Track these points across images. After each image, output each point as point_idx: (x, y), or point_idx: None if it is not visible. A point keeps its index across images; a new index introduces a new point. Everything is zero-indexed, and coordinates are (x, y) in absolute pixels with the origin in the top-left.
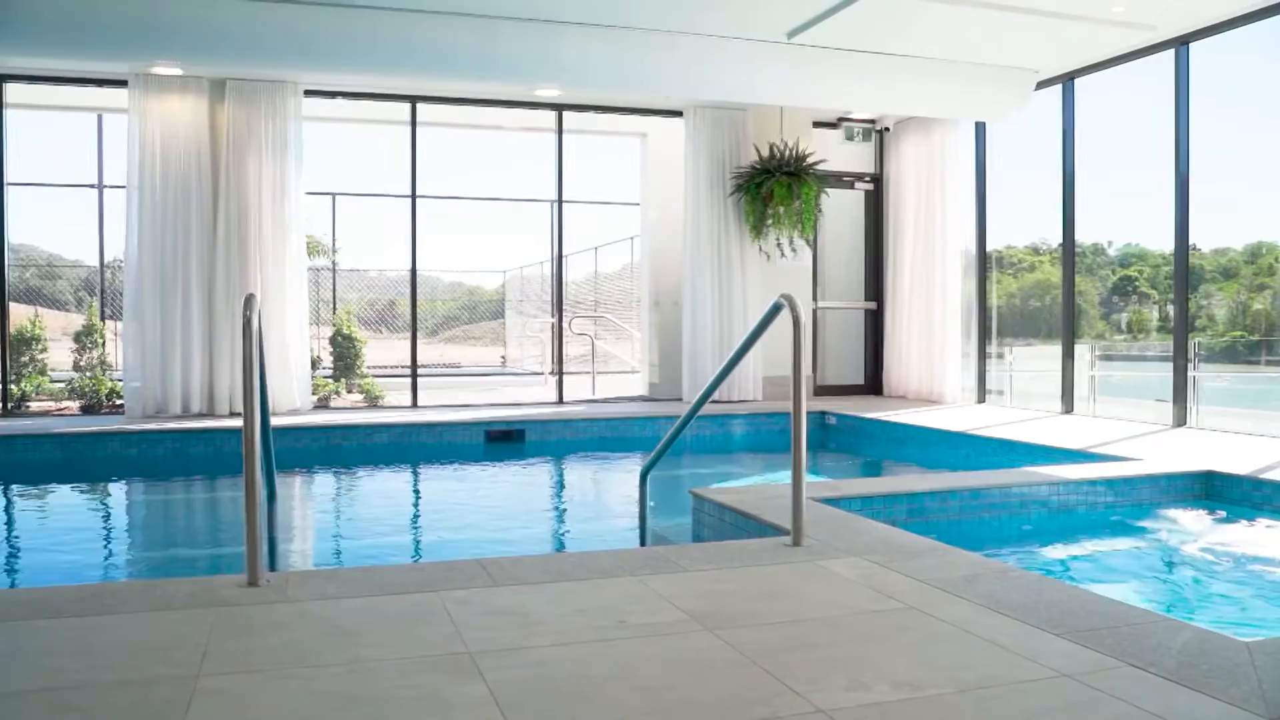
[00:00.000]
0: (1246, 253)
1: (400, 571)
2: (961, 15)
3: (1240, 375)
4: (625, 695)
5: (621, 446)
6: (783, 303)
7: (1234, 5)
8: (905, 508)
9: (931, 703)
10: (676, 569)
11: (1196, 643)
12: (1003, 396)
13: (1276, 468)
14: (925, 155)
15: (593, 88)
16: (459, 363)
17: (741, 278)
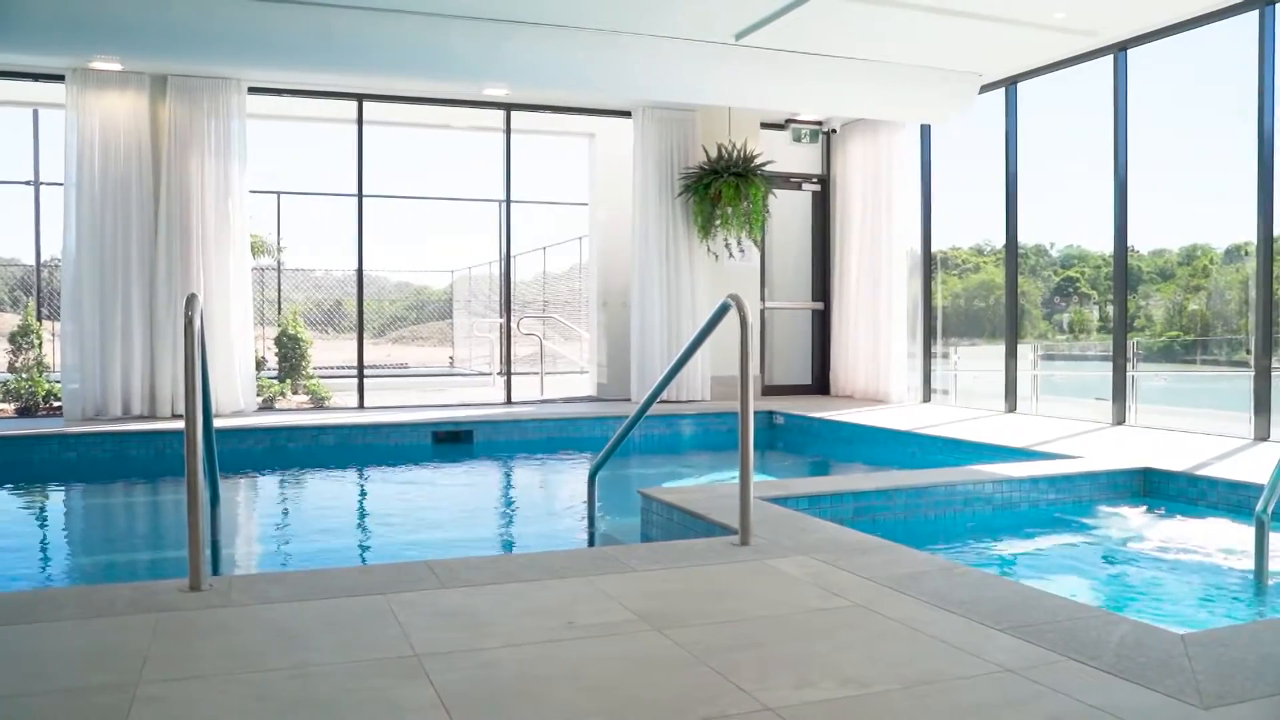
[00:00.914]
0: (1182, 255)
1: (347, 574)
2: (907, 19)
3: (1177, 374)
4: (573, 695)
5: (570, 447)
6: (730, 303)
7: (1170, 13)
8: (852, 506)
9: (877, 699)
10: (625, 569)
11: (1134, 636)
12: (948, 396)
13: (1211, 465)
14: (871, 157)
15: (542, 87)
16: (406, 363)
17: (690, 278)
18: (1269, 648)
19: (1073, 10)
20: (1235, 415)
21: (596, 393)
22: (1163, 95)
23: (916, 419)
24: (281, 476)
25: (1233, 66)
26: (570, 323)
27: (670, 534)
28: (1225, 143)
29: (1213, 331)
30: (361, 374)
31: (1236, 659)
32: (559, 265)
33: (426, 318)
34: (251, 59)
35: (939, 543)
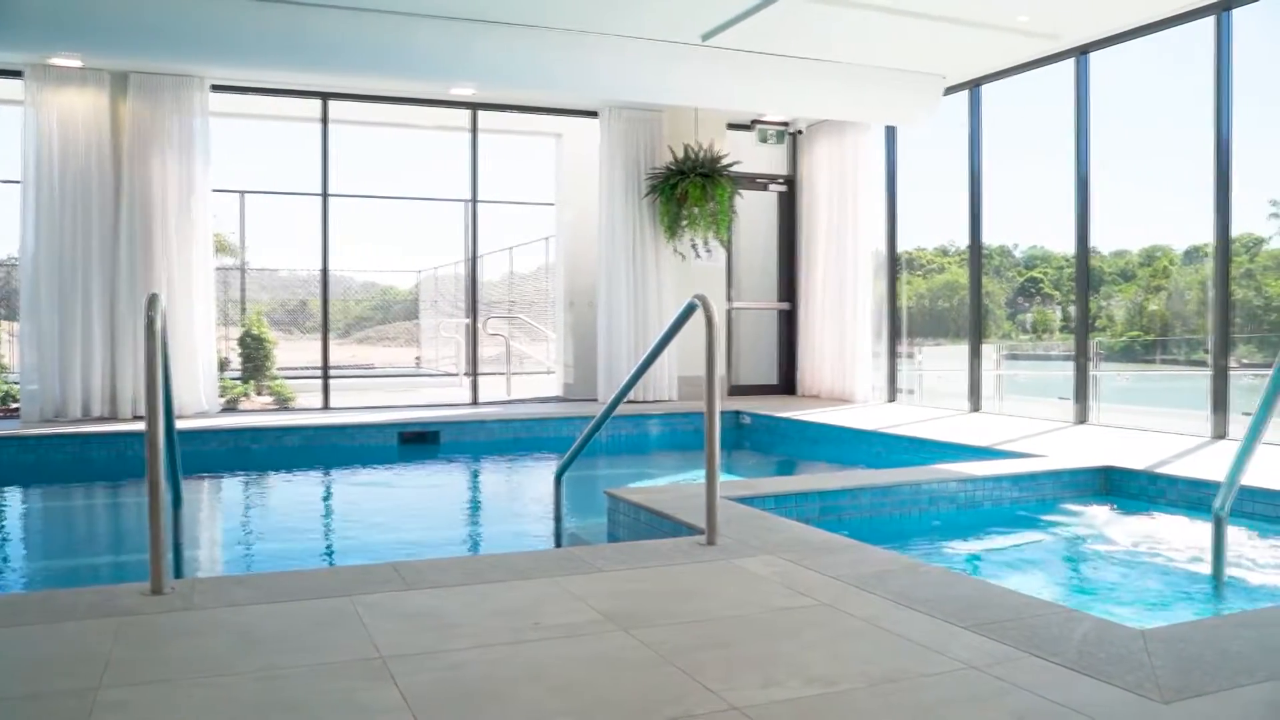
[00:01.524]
0: (1143, 256)
1: (311, 576)
2: (872, 21)
3: (1138, 374)
4: (540, 696)
5: (537, 447)
6: (697, 303)
7: (1130, 18)
8: (818, 505)
9: (843, 697)
10: (592, 569)
11: (1095, 632)
12: (913, 395)
13: (1170, 463)
14: (837, 158)
15: (509, 87)
16: (372, 364)
17: (656, 278)
18: (1227, 643)
19: (1035, 14)
20: (1194, 414)
21: (563, 393)
22: (1124, 98)
23: (882, 419)
24: (245, 478)
25: (1191, 71)
26: (537, 323)
27: (637, 534)
28: (1184, 146)
29: (1172, 331)
30: (327, 374)
31: (1195, 654)
32: (526, 265)
33: (392, 318)
34: (215, 57)
35: (904, 541)
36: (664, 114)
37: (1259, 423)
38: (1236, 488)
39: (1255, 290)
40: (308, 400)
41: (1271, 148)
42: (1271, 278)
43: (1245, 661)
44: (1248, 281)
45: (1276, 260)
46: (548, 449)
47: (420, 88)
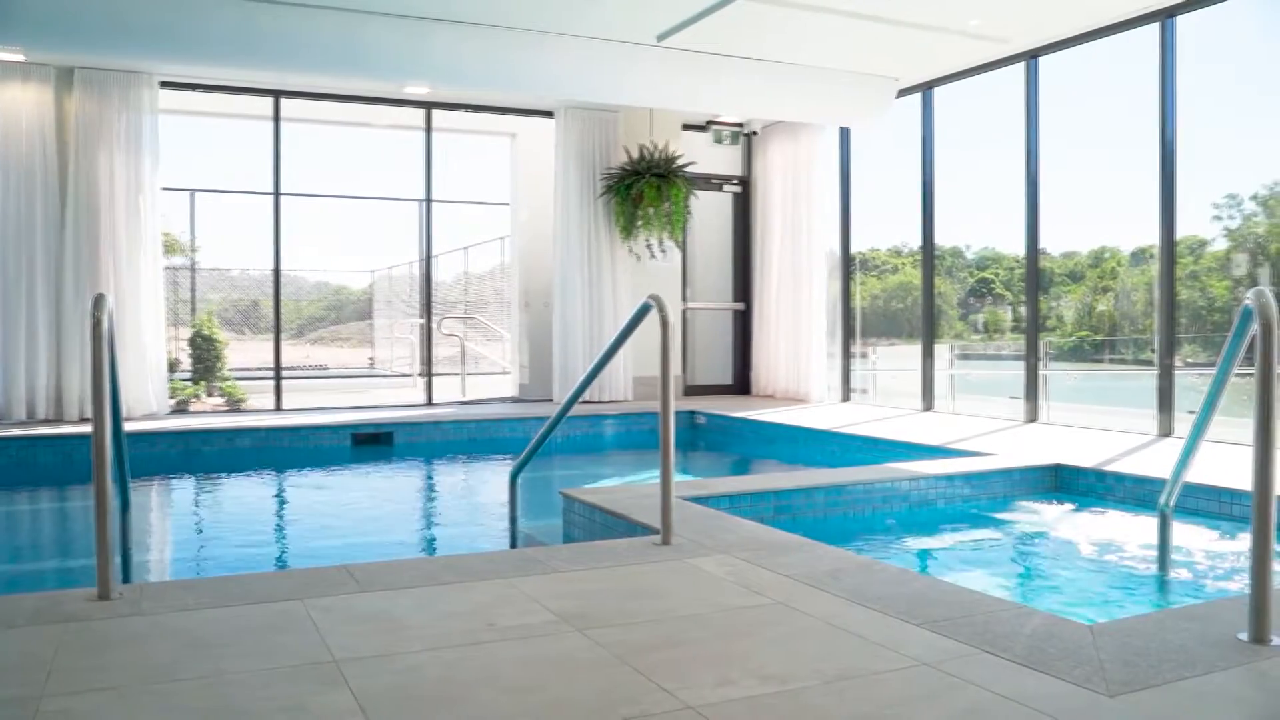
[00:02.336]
0: (1091, 257)
1: (263, 580)
2: (826, 23)
3: (1086, 373)
4: (495, 698)
5: (492, 448)
6: (651, 303)
7: (1078, 23)
8: (772, 505)
9: (797, 695)
10: (547, 570)
11: (1045, 628)
12: (866, 395)
13: (1118, 460)
14: (792, 159)
15: (463, 86)
16: (325, 364)
17: (612, 278)
18: (1171, 636)
19: (986, 18)
20: (1141, 412)
21: (518, 393)
22: (1072, 102)
23: (836, 418)
24: (196, 481)
25: (1137, 76)
26: (492, 323)
27: (592, 534)
28: (1131, 149)
29: (1120, 331)
30: (279, 375)
31: (1141, 647)
32: (481, 265)
33: (346, 318)
34: (163, 53)
35: (858, 540)
36: (619, 114)
37: (1202, 421)
38: (1181, 484)
39: (1199, 291)
40: (260, 401)
41: (1215, 152)
42: (1215, 279)
43: (1188, 654)
44: (1192, 282)
45: (1220, 262)
46: (503, 450)
47: (374, 86)
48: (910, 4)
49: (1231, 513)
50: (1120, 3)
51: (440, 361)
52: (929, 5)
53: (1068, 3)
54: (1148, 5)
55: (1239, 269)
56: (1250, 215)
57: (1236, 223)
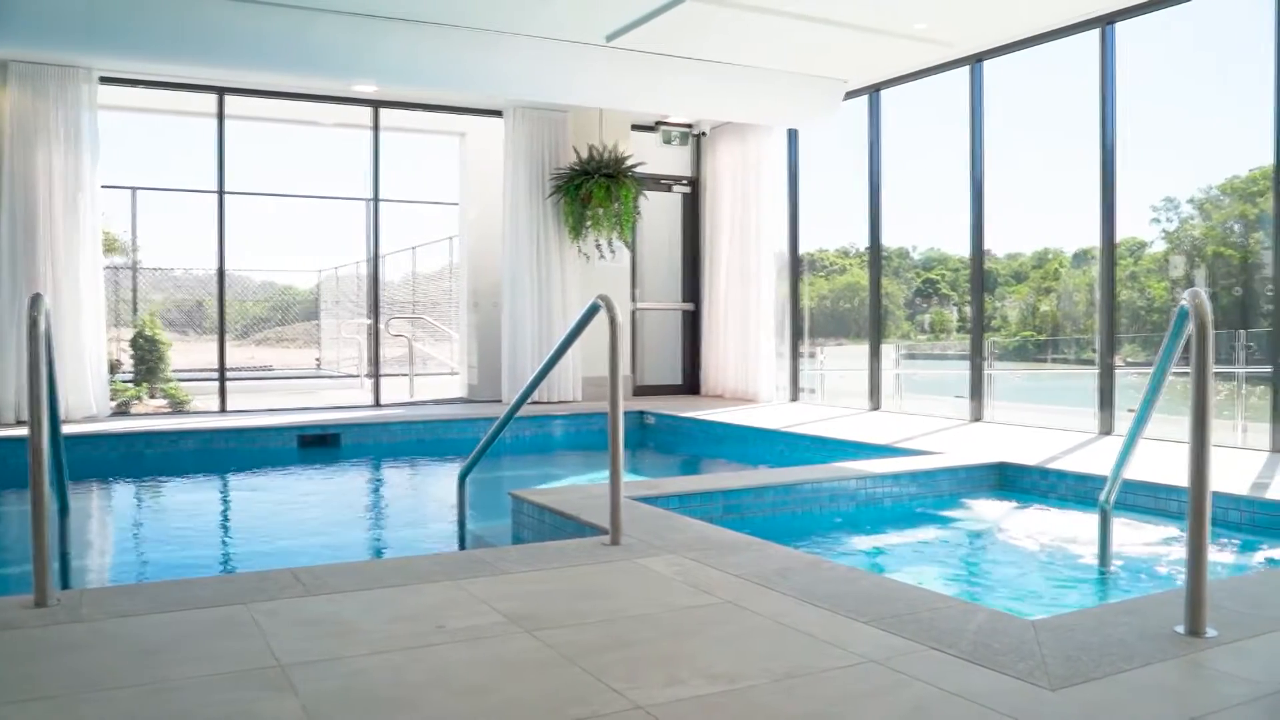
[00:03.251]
0: (1035, 258)
1: (206, 584)
2: (774, 25)
3: (1030, 372)
4: (444, 700)
5: (440, 449)
6: (600, 303)
7: (1021, 28)
8: (722, 504)
9: (746, 694)
10: (495, 571)
11: (989, 624)
12: (815, 394)
13: (1060, 458)
14: (740, 160)
15: (411, 84)
16: (271, 365)
17: (561, 279)
18: (1111, 630)
19: (932, 22)
20: (1083, 411)
21: (467, 394)
22: (1016, 105)
23: (784, 418)
24: (138, 484)
25: (1078, 80)
26: (440, 324)
27: (542, 535)
28: (1073, 152)
29: (1062, 331)
30: (223, 377)
31: (1082, 642)
32: (429, 265)
33: (292, 319)
34: (102, 47)
35: (806, 539)
36: (569, 114)
37: (1141, 419)
38: (1120, 481)
39: (1139, 292)
40: (204, 403)
41: (1153, 156)
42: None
43: (1127, 648)
44: (1132, 283)
45: (1158, 263)
46: (451, 451)
47: (320, 84)
48: (857, 7)
49: (1169, 509)
50: (1062, 9)
51: (388, 362)
52: (875, 8)
53: (1011, 8)
54: (1089, 11)
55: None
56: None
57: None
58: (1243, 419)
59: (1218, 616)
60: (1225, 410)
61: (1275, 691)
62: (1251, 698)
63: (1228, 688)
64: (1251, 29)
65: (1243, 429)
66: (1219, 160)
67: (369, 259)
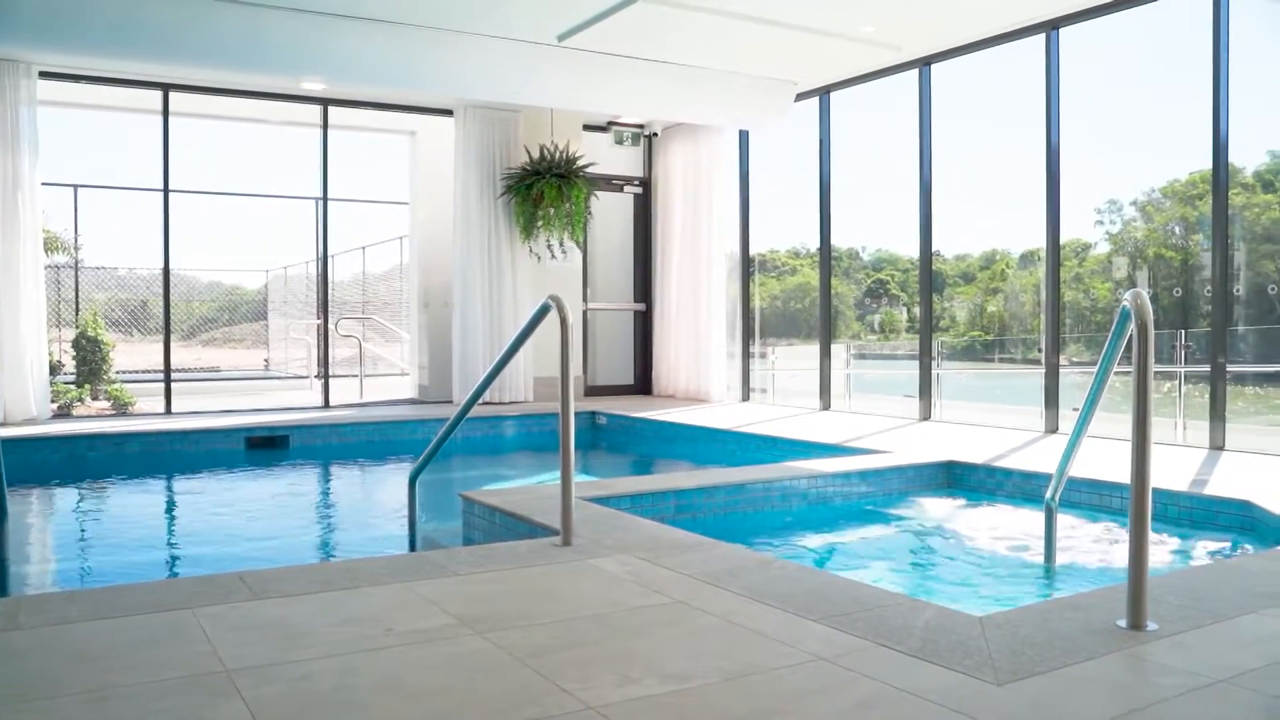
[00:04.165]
0: (983, 259)
1: (151, 589)
2: (725, 27)
3: (978, 372)
4: (394, 704)
5: (390, 450)
6: (551, 303)
7: (968, 32)
8: (673, 504)
9: (698, 693)
10: (446, 573)
11: (937, 620)
12: (766, 394)
13: (1007, 456)
14: (692, 160)
15: (361, 83)
16: (218, 366)
17: (512, 279)
18: (1056, 625)
19: (880, 25)
20: (1029, 409)
21: (418, 395)
22: (964, 108)
23: (735, 418)
24: (80, 488)
25: (1024, 84)
26: (391, 324)
27: (492, 536)
28: (1019, 154)
29: (1009, 331)
30: (169, 378)
31: (1027, 637)
32: (379, 265)
33: (240, 319)
34: (42, 41)
35: (757, 538)
36: (520, 114)
37: (1084, 418)
38: (1065, 479)
39: (1083, 292)
40: (149, 405)
41: (1098, 158)
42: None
43: (1071, 642)
44: (1077, 284)
45: (1102, 264)
46: (402, 452)
47: (268, 81)
48: (806, 9)
49: (1112, 505)
50: (1007, 14)
51: (338, 363)
52: (825, 11)
53: (957, 12)
54: (1034, 16)
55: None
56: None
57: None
58: (1183, 417)
59: (1158, 610)
60: (1166, 408)
61: (1212, 683)
62: (1189, 689)
63: (1166, 679)
64: (1191, 37)
65: (1183, 427)
66: (1160, 164)
67: (318, 258)
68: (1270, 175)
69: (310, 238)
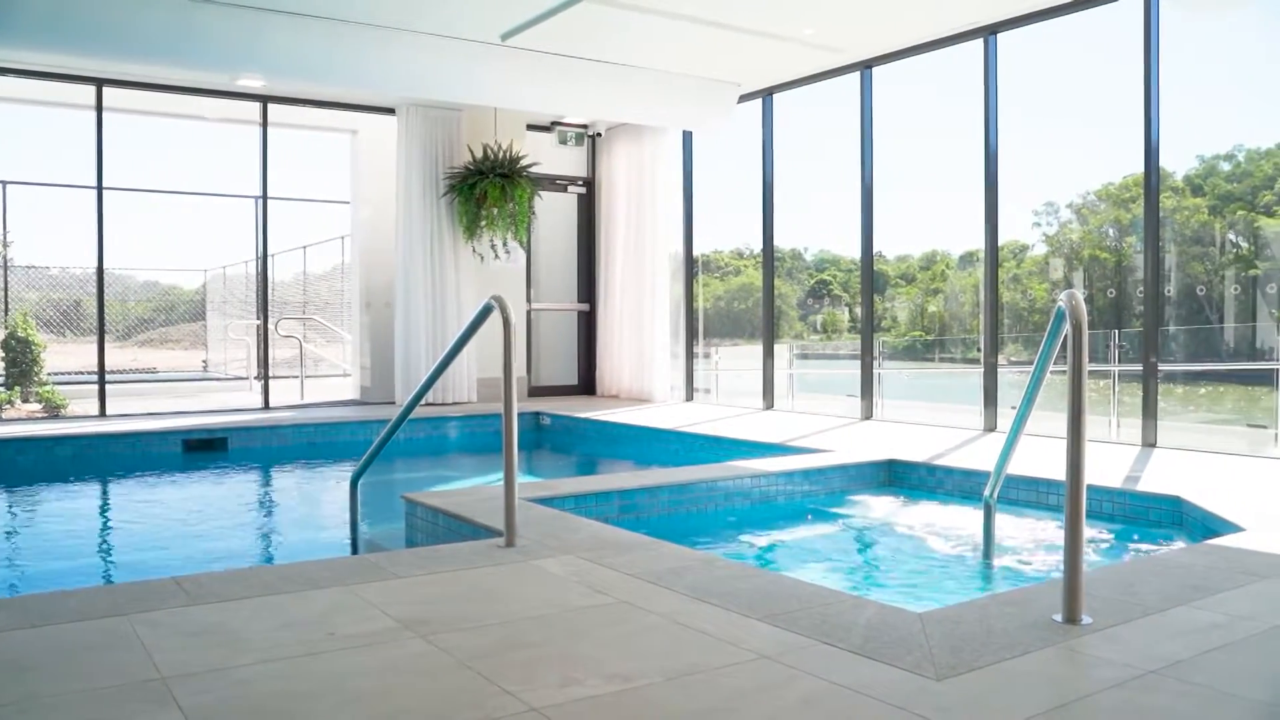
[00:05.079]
0: (923, 260)
1: (84, 596)
2: (668, 28)
3: (919, 371)
4: (336, 709)
5: (332, 452)
6: (493, 304)
7: (908, 36)
8: (617, 504)
9: (641, 692)
10: (388, 576)
11: (878, 618)
12: (709, 394)
13: (947, 455)
14: (636, 161)
15: (301, 80)
16: (155, 368)
17: (455, 279)
18: (994, 621)
19: (821, 28)
20: (969, 408)
21: (360, 396)
22: (905, 111)
23: (679, 418)
24: (10, 493)
25: (963, 88)
26: (332, 324)
27: (435, 538)
28: (959, 157)
29: (949, 331)
30: (103, 380)
31: (967, 633)
32: (320, 265)
33: (177, 319)
34: None
35: (701, 537)
36: (463, 113)
37: (1022, 416)
38: (1003, 477)
39: (1021, 293)
40: (82, 407)
41: (1036, 161)
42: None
43: (1009, 637)
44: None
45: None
46: (343, 454)
47: (205, 77)
48: (749, 11)
49: (1049, 502)
50: (946, 19)
51: (278, 364)
52: (767, 13)
53: (898, 16)
54: (972, 21)
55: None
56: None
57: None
58: (1116, 415)
59: (1093, 604)
60: (1100, 407)
61: (1143, 674)
62: (1121, 680)
63: (1100, 671)
64: (1123, 43)
65: (1117, 425)
66: (1095, 167)
67: (258, 258)
68: (1199, 179)
69: (250, 237)
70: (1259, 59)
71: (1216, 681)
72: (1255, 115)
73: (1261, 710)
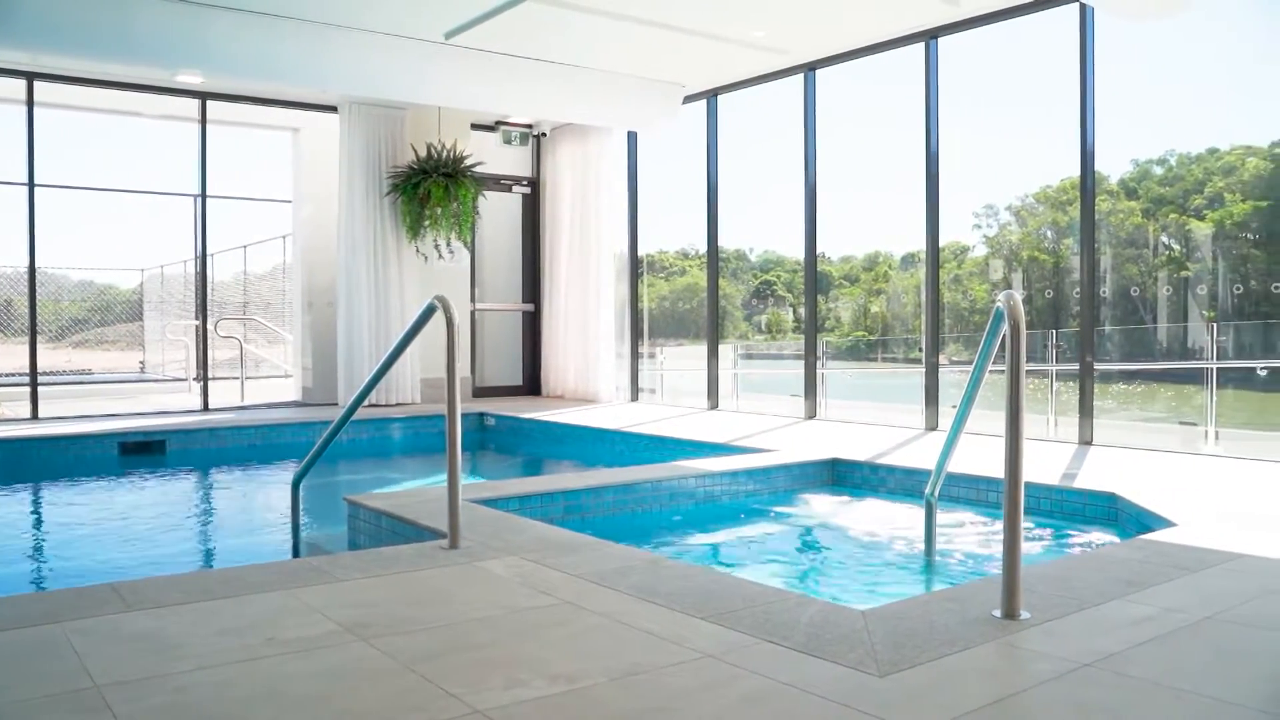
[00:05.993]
0: (866, 261)
1: (15, 603)
2: (613, 28)
3: (862, 371)
4: (275, 715)
5: (273, 455)
6: (436, 304)
7: (851, 40)
8: (562, 505)
9: (586, 693)
10: (330, 579)
11: (822, 615)
12: (655, 395)
13: (889, 454)
14: (580, 161)
15: (240, 77)
16: (90, 369)
17: (399, 279)
18: (936, 617)
19: (769, 29)
20: (911, 408)
21: (302, 397)
22: (848, 114)
23: (624, 418)
24: None
25: (905, 91)
26: (273, 325)
27: (379, 540)
28: (901, 160)
29: (892, 331)
30: (35, 381)
31: (909, 629)
32: (261, 264)
33: (113, 319)
34: None
35: (646, 537)
36: (407, 112)
37: (962, 416)
38: (944, 475)
39: (962, 294)
40: (13, 410)
41: (976, 164)
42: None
43: (950, 633)
44: (955, 286)
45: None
46: (285, 456)
47: (142, 72)
48: (694, 12)
49: (989, 500)
50: (889, 23)
51: (218, 365)
52: (713, 15)
53: (840, 19)
54: (913, 26)
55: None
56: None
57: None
58: (1054, 414)
59: (1031, 600)
60: (1038, 405)
61: (1078, 667)
62: (1058, 674)
63: (1038, 665)
64: (1060, 49)
65: (1054, 423)
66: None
67: (196, 257)
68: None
69: (188, 236)
70: (1190, 66)
71: (1149, 673)
72: (1187, 121)
73: (1190, 699)
